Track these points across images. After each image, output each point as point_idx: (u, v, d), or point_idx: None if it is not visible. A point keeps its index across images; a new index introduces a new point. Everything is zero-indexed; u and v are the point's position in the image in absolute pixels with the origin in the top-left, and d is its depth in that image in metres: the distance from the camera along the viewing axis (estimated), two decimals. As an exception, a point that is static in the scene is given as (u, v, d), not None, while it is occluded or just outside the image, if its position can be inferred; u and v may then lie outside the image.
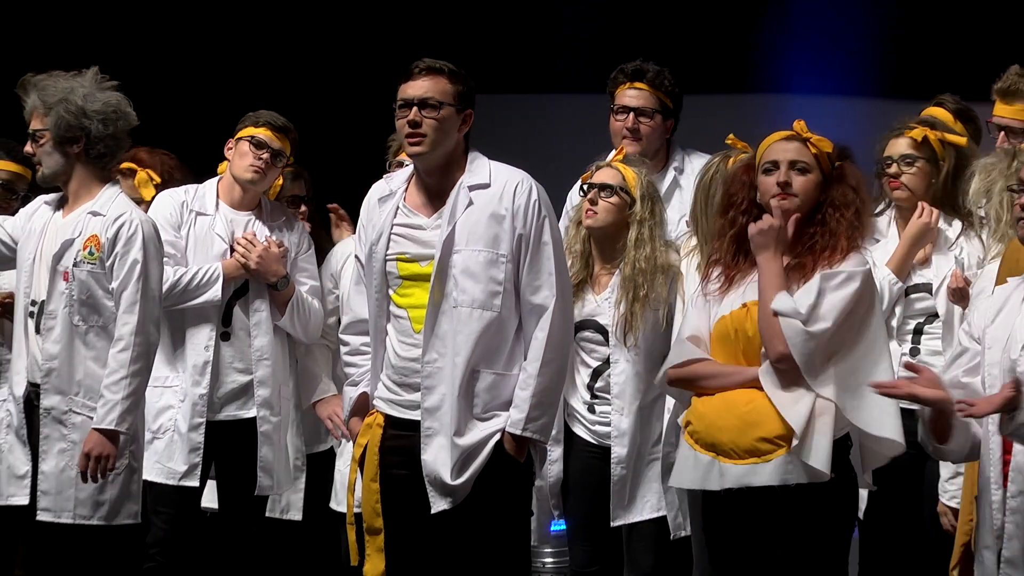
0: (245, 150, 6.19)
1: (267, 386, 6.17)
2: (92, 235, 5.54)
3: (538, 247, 4.95)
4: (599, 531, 5.86)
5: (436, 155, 4.96)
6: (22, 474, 5.55)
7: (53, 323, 5.53)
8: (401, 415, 4.99)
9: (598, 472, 5.83)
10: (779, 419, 4.68)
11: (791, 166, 4.85)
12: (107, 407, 5.45)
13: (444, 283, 4.92)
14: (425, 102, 4.93)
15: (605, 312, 5.81)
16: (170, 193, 6.24)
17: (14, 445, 5.59)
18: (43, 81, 5.61)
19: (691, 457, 4.81)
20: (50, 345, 5.52)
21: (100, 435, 5.44)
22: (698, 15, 8.88)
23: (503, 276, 4.93)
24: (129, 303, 5.51)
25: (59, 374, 5.52)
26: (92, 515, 5.51)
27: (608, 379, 5.81)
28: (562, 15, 8.93)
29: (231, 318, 6.17)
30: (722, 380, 4.82)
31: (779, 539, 4.75)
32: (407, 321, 4.98)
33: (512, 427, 4.92)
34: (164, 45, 8.58)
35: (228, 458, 6.18)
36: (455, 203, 4.95)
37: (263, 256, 6.13)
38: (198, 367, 6.07)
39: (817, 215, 4.86)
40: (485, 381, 4.93)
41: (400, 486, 4.97)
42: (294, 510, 6.50)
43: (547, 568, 7.04)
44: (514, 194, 4.95)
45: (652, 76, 6.37)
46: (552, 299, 4.94)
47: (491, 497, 4.91)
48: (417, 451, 4.92)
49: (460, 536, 4.91)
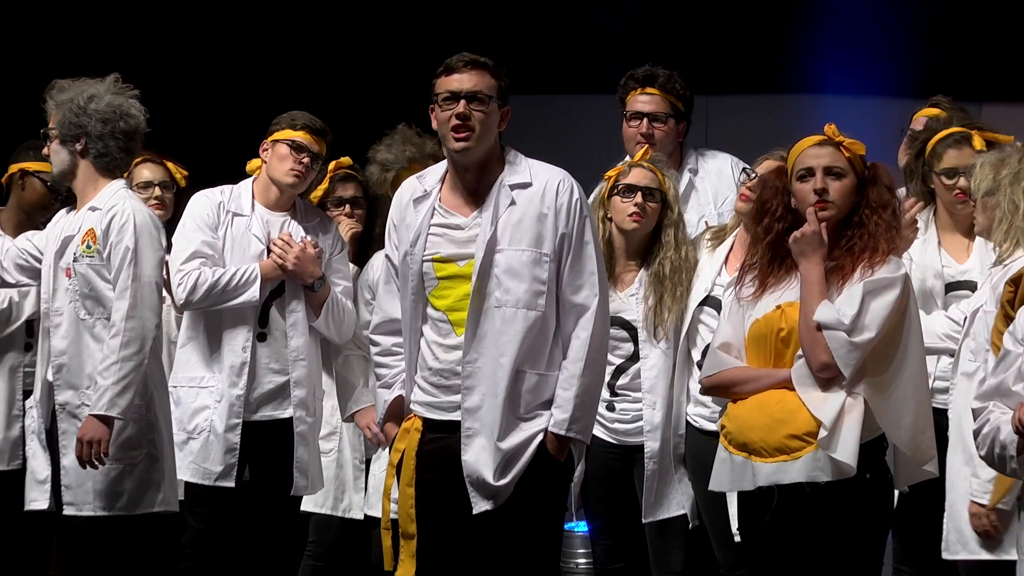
0: (284, 153, 6.18)
1: (303, 387, 6.16)
2: (89, 229, 5.62)
3: (580, 246, 4.94)
4: (621, 528, 5.91)
5: (479, 150, 4.93)
6: (43, 479, 5.60)
7: (60, 319, 5.61)
8: (440, 417, 4.96)
9: (616, 471, 5.88)
10: (808, 417, 4.71)
11: (826, 172, 4.86)
12: (99, 392, 5.51)
13: (486, 283, 4.89)
14: (474, 95, 4.90)
15: (631, 308, 5.85)
16: (206, 194, 6.24)
17: (37, 451, 5.64)
18: (63, 84, 5.71)
19: (727, 460, 4.85)
20: (58, 341, 5.60)
21: (94, 420, 5.50)
22: (731, 17, 8.90)
23: (547, 275, 4.91)
24: (121, 289, 5.58)
25: (69, 369, 5.59)
26: (112, 506, 5.57)
27: (632, 376, 5.84)
28: (595, 16, 8.94)
29: (267, 319, 6.17)
30: (754, 384, 4.85)
31: (814, 538, 4.76)
32: (447, 324, 4.95)
33: (556, 427, 4.90)
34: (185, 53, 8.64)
35: (263, 458, 6.17)
36: (496, 201, 4.93)
37: (300, 257, 6.12)
38: (235, 368, 6.07)
39: (854, 217, 4.88)
40: (529, 382, 4.91)
41: (437, 490, 4.94)
42: (356, 509, 6.55)
43: (580, 568, 7.04)
44: (556, 193, 4.92)
45: (663, 81, 6.38)
46: (594, 299, 4.92)
47: (531, 497, 4.90)
48: (456, 452, 4.91)
49: (497, 536, 4.90)
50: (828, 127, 4.92)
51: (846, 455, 4.68)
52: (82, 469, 5.52)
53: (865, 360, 4.75)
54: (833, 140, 4.89)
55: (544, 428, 4.91)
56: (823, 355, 4.73)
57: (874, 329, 4.74)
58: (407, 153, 6.28)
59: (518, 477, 4.87)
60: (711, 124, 6.92)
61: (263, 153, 6.24)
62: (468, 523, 4.91)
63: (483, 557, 4.93)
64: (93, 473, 5.54)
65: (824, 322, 4.73)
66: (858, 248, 4.83)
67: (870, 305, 4.75)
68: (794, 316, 4.83)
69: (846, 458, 4.68)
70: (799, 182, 4.90)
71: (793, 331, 4.83)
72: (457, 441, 4.91)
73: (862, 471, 4.72)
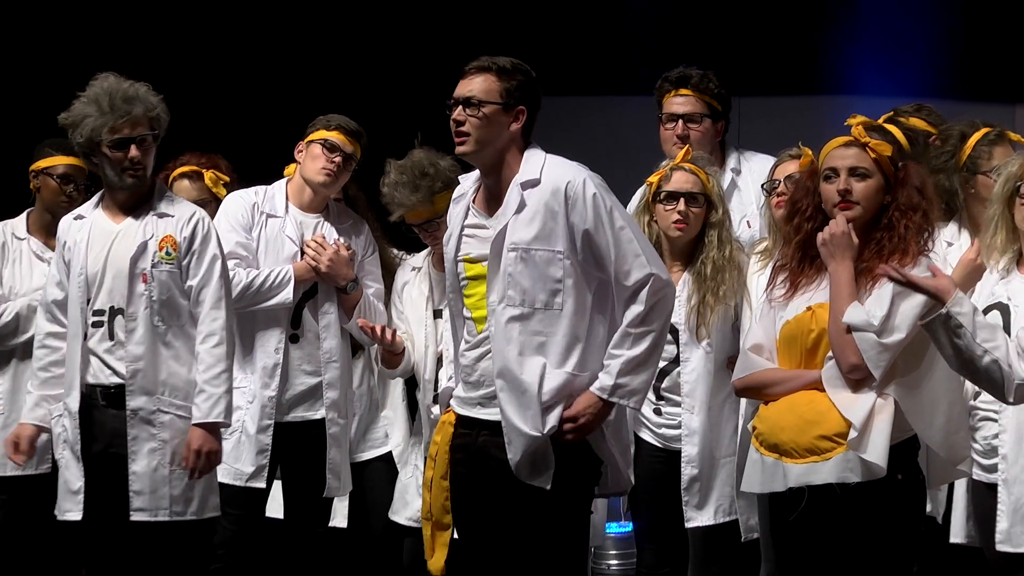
0: (317, 153, 6.23)
1: (336, 388, 6.21)
2: (167, 235, 5.62)
3: (615, 234, 4.85)
4: (668, 533, 5.88)
5: (484, 154, 4.93)
6: (76, 489, 5.59)
7: (135, 325, 5.59)
8: (466, 413, 5.00)
9: (665, 475, 5.84)
10: (838, 417, 4.72)
11: (851, 173, 4.87)
12: (211, 401, 5.55)
13: (497, 283, 4.90)
14: (468, 101, 4.91)
15: (675, 310, 5.82)
16: (241, 194, 6.29)
17: (69, 461, 5.63)
18: (142, 90, 5.67)
19: (758, 461, 4.86)
20: (133, 347, 5.58)
21: (204, 430, 5.55)
22: (764, 18, 8.89)
23: (561, 274, 4.88)
24: (216, 299, 5.60)
25: (144, 375, 5.59)
26: (185, 511, 5.59)
27: (676, 379, 5.83)
28: (628, 19, 8.95)
29: (300, 321, 6.21)
30: (785, 386, 4.86)
31: (844, 539, 4.77)
32: (471, 322, 4.99)
33: (599, 390, 4.85)
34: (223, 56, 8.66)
35: (295, 459, 6.22)
36: (507, 202, 4.93)
37: (333, 259, 6.17)
38: (267, 369, 6.11)
39: (883, 219, 4.88)
40: (554, 380, 4.85)
41: (463, 484, 4.99)
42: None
43: (612, 570, 7.08)
44: (566, 190, 4.86)
45: (697, 81, 6.34)
46: (646, 275, 4.84)
47: (558, 491, 4.86)
48: (477, 448, 4.94)
49: (521, 530, 4.88)
50: (856, 128, 4.91)
51: (876, 456, 4.68)
52: (155, 475, 5.55)
53: (895, 361, 4.76)
54: (859, 141, 4.89)
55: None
56: (853, 356, 4.73)
57: (904, 330, 4.74)
58: (413, 199, 6.16)
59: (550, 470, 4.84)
60: (743, 126, 6.89)
61: (298, 155, 6.30)
62: (492, 517, 4.93)
63: (509, 550, 4.91)
64: (166, 478, 5.57)
65: (853, 324, 4.73)
66: (887, 250, 4.83)
67: (900, 306, 4.75)
68: (824, 317, 4.84)
69: (876, 459, 4.68)
70: (825, 182, 4.92)
71: (823, 332, 4.83)
72: (475, 438, 4.94)
73: (893, 472, 4.72)
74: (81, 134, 5.61)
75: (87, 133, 5.59)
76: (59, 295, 5.71)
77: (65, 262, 5.70)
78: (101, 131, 5.56)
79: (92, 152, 5.63)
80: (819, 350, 4.84)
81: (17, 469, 6.28)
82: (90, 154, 5.65)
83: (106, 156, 5.59)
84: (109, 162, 5.60)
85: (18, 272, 6.63)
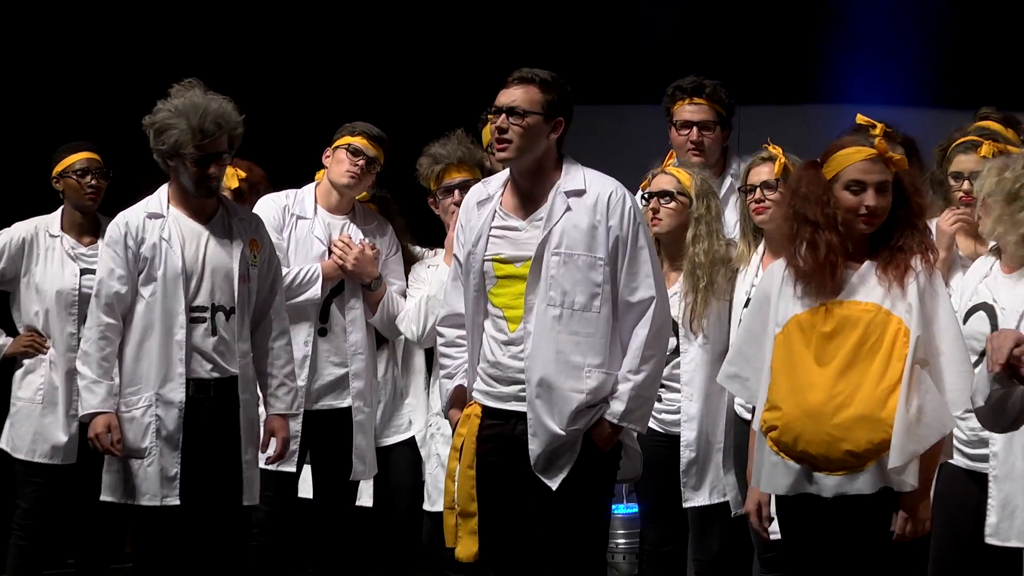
0: (342, 157, 6.42)
1: (361, 378, 6.40)
2: (253, 240, 5.82)
3: (636, 251, 5.08)
4: (670, 513, 6.07)
5: (524, 161, 5.10)
6: (172, 475, 5.67)
7: (242, 322, 5.77)
8: (497, 405, 5.13)
9: (666, 458, 6.01)
10: (867, 434, 4.68)
11: (878, 189, 4.80)
12: (291, 394, 5.85)
13: (540, 284, 5.05)
14: (512, 110, 5.06)
15: (673, 306, 5.87)
16: (272, 197, 6.48)
17: (164, 448, 5.66)
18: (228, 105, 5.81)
19: (780, 464, 4.79)
20: (242, 343, 5.77)
21: (284, 420, 5.83)
22: (762, 28, 9.02)
23: (601, 278, 5.06)
24: (281, 299, 5.91)
25: (249, 368, 5.81)
26: (254, 495, 5.84)
27: (676, 368, 6.00)
28: (635, 31, 9.10)
29: (328, 315, 6.39)
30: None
31: (854, 542, 4.78)
32: (503, 320, 5.12)
33: (611, 416, 5.06)
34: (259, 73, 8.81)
35: (323, 445, 6.39)
36: (552, 207, 5.07)
37: (359, 258, 6.38)
38: (297, 360, 6.17)
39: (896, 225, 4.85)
40: (589, 379, 5.07)
41: (493, 473, 5.12)
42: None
43: (620, 548, 7.20)
44: (608, 201, 5.06)
45: (710, 91, 6.51)
46: (651, 299, 5.07)
47: (582, 482, 5.07)
48: (511, 438, 5.10)
49: (549, 518, 5.08)
50: (879, 142, 4.83)
51: (911, 476, 4.70)
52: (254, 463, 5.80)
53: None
54: (884, 157, 4.81)
55: (599, 418, 5.08)
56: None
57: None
58: (459, 152, 6.38)
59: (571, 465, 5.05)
60: (742, 134, 6.99)
61: (325, 160, 6.50)
62: (522, 505, 5.09)
63: (538, 537, 5.09)
64: (253, 465, 5.81)
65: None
66: (916, 247, 4.81)
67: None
68: (839, 314, 4.77)
69: (911, 478, 4.70)
70: (846, 192, 4.79)
71: (836, 328, 4.76)
72: (512, 428, 5.10)
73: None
74: (164, 142, 5.66)
75: (171, 143, 5.64)
76: (122, 289, 5.69)
77: (137, 259, 5.71)
78: (187, 145, 5.63)
79: (170, 158, 5.70)
80: (831, 343, 4.76)
81: (46, 457, 6.58)
82: (167, 158, 5.71)
83: (185, 167, 5.68)
84: (187, 173, 5.69)
85: (49, 268, 6.76)
